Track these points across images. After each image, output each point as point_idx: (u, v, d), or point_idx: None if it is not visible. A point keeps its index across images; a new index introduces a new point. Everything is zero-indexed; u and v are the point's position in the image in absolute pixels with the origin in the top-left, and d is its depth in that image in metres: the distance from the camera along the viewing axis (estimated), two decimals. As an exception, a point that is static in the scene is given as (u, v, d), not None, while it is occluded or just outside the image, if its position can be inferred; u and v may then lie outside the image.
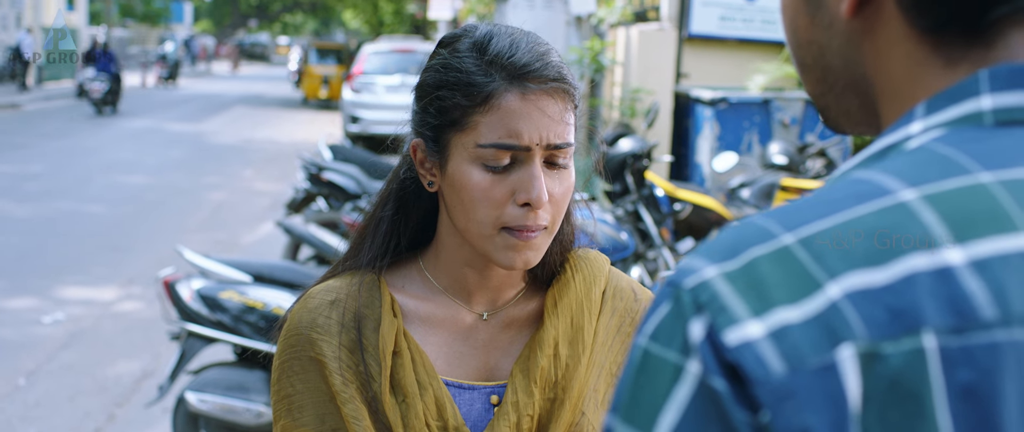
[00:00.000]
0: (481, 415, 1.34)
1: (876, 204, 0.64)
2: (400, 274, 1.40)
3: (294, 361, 1.34)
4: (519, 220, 1.26)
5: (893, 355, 0.60)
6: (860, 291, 0.61)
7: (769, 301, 0.62)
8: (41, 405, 5.51)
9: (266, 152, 16.62)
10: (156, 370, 5.93)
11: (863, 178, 0.67)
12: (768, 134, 8.21)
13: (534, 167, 1.25)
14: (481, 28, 1.32)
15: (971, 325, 0.60)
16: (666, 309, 0.65)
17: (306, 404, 1.32)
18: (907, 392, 0.59)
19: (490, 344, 1.38)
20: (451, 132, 1.27)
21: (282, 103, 27.98)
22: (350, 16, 45.79)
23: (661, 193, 6.46)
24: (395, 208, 1.39)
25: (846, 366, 0.60)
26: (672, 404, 0.62)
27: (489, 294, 1.39)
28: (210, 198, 12.16)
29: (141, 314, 7.14)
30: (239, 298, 4.31)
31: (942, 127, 0.68)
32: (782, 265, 0.63)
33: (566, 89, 1.28)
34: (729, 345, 0.61)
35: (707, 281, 0.64)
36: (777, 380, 0.60)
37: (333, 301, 1.36)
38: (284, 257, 7.07)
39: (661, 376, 0.63)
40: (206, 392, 4.25)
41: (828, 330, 0.60)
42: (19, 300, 7.47)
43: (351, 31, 52.59)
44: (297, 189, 8.02)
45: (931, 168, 0.66)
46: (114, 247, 9.25)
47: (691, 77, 9.06)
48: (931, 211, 0.63)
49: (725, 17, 9.21)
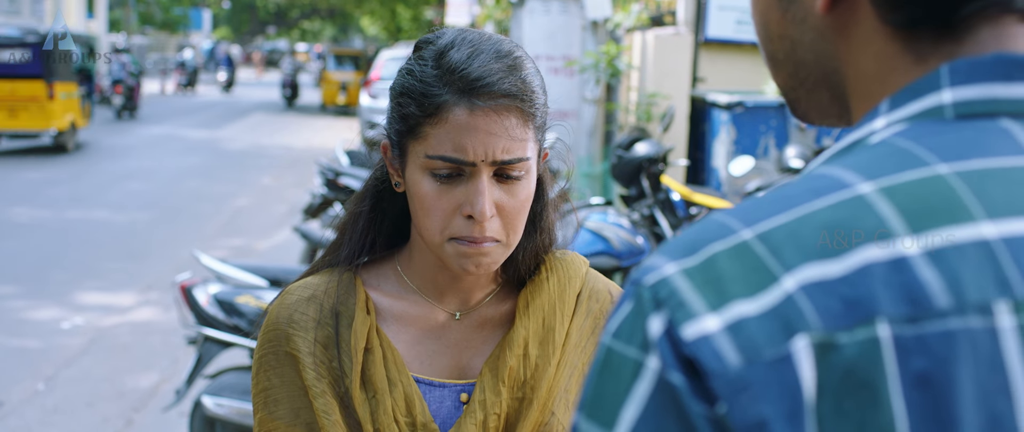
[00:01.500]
0: (450, 413, 1.36)
1: (833, 198, 0.65)
2: (376, 273, 1.42)
3: (271, 356, 1.36)
4: (465, 232, 1.27)
5: (847, 345, 0.60)
6: (815, 283, 0.62)
7: (726, 295, 0.63)
8: (60, 410, 5.54)
9: (284, 158, 16.68)
10: (174, 375, 5.96)
11: (823, 173, 0.68)
12: (785, 138, 8.18)
13: (479, 182, 1.26)
14: (447, 35, 1.31)
15: (925, 314, 0.60)
16: (628, 307, 0.66)
17: (282, 398, 1.35)
18: (861, 381, 0.60)
19: (462, 343, 1.40)
20: (408, 139, 1.29)
21: (300, 110, 28.06)
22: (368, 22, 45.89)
23: (677, 197, 6.44)
24: (371, 205, 1.41)
25: (801, 357, 0.60)
26: (632, 400, 0.63)
27: (461, 294, 1.40)
28: (228, 204, 12.21)
29: (159, 320, 7.17)
30: (255, 302, 4.32)
31: (904, 122, 0.69)
32: (740, 260, 0.64)
33: (519, 106, 1.26)
34: (686, 340, 0.62)
35: (666, 278, 0.65)
36: (733, 372, 0.61)
37: (309, 297, 1.38)
38: (301, 262, 7.09)
39: (622, 373, 0.64)
40: (223, 396, 4.26)
41: (783, 322, 0.61)
42: (38, 306, 7.52)
43: (369, 37, 52.69)
44: (314, 194, 8.04)
45: (889, 161, 0.66)
46: (132, 254, 9.29)
47: (707, 81, 9.03)
48: (887, 203, 0.64)
49: (741, 21, 9.18)
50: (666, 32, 9.09)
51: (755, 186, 7.12)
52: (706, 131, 8.65)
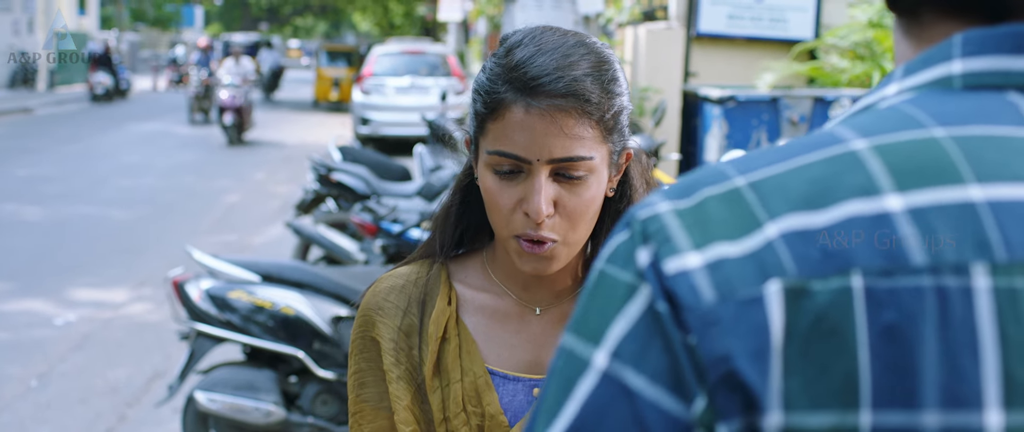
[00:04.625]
0: (523, 406, 1.38)
1: (826, 152, 0.67)
2: (463, 265, 1.46)
3: (360, 340, 1.42)
4: (524, 229, 1.30)
5: (820, 292, 0.62)
6: (797, 232, 0.64)
7: (711, 236, 0.66)
8: (53, 406, 5.54)
9: (277, 154, 16.66)
10: (167, 371, 5.96)
11: (825, 131, 0.70)
12: (777, 132, 8.20)
13: (536, 181, 1.27)
14: (519, 33, 1.33)
15: (900, 269, 0.62)
16: (623, 236, 0.69)
17: (369, 381, 1.41)
18: (830, 328, 0.62)
19: (541, 339, 1.42)
20: (478, 134, 1.33)
21: (292, 106, 28.03)
22: (360, 18, 45.85)
23: (669, 191, 6.45)
24: (460, 199, 1.45)
25: (772, 300, 0.63)
26: (622, 317, 0.66)
27: (542, 290, 1.42)
28: (221, 200, 12.20)
29: (152, 316, 7.17)
30: (248, 298, 4.33)
31: (914, 90, 0.71)
32: (730, 205, 0.66)
33: (576, 106, 1.25)
34: (667, 273, 0.65)
35: (658, 215, 0.68)
36: (705, 307, 0.64)
37: (400, 286, 1.43)
38: (294, 258, 7.09)
39: (614, 293, 0.67)
40: (215, 391, 4.27)
41: (760, 266, 0.64)
42: (31, 302, 7.51)
43: (361, 33, 52.64)
44: (307, 190, 8.05)
45: (887, 122, 0.68)
46: (125, 249, 9.29)
47: (699, 76, 9.05)
48: (877, 160, 0.65)
49: (733, 16, 9.20)
50: (658, 27, 9.10)
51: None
52: (698, 125, 8.66)
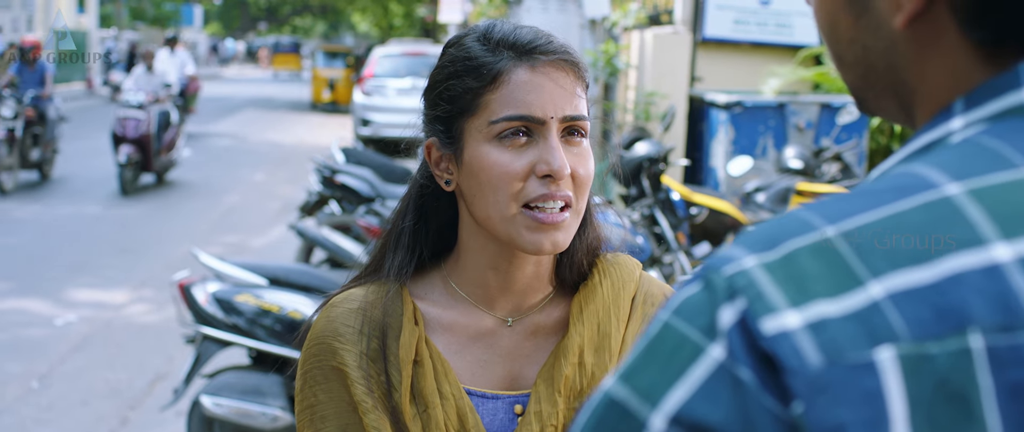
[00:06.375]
0: (504, 425, 1.31)
1: (920, 198, 0.62)
2: (422, 282, 1.37)
3: (316, 370, 1.31)
4: (540, 192, 1.23)
5: (939, 355, 0.58)
6: (904, 291, 0.59)
7: (808, 293, 0.60)
8: (54, 408, 5.49)
9: (277, 155, 16.62)
10: (169, 373, 5.91)
11: (907, 171, 0.66)
12: (783, 138, 8.17)
13: (552, 138, 1.24)
14: (483, 23, 1.33)
15: (1019, 323, 0.58)
16: (696, 289, 0.63)
17: (329, 414, 1.30)
18: (954, 393, 0.58)
19: (514, 352, 1.35)
20: (463, 119, 1.27)
21: (292, 106, 27.98)
22: (359, 19, 45.84)
23: (677, 197, 6.42)
24: (416, 217, 1.37)
25: (886, 366, 0.58)
26: (685, 381, 0.61)
27: (513, 299, 1.35)
28: (221, 201, 12.15)
29: (153, 317, 7.13)
30: (255, 301, 4.28)
31: (985, 121, 0.67)
32: (822, 258, 0.61)
33: (575, 62, 1.28)
34: (765, 333, 0.60)
35: (745, 270, 0.62)
36: (813, 372, 0.58)
37: (355, 309, 1.33)
38: (297, 260, 7.05)
39: (679, 351, 0.62)
40: (221, 396, 4.22)
41: (868, 329, 0.59)
42: (31, 303, 7.46)
43: (360, 34, 52.63)
44: (310, 192, 8.00)
45: (976, 161, 0.64)
46: (125, 250, 9.24)
47: (705, 81, 9.01)
48: (977, 206, 0.61)
49: (739, 21, 9.17)
50: (664, 31, 9.07)
51: (754, 186, 7.11)
52: (704, 131, 8.63)
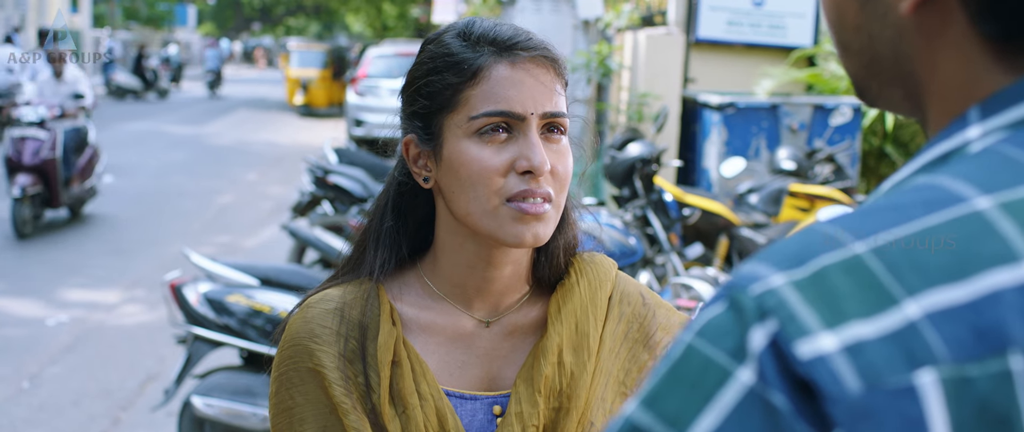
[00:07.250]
0: (483, 426, 1.30)
1: (950, 213, 0.60)
2: (399, 282, 1.36)
3: (293, 372, 1.30)
4: (520, 187, 1.23)
5: (979, 378, 0.56)
6: (941, 310, 0.57)
7: (842, 314, 0.57)
8: (45, 408, 5.47)
9: (269, 155, 16.59)
10: (160, 374, 5.89)
11: (932, 183, 0.63)
12: (776, 139, 8.16)
13: (532, 135, 1.24)
14: (458, 22, 1.33)
15: None
16: (721, 310, 0.61)
17: (308, 417, 1.28)
18: (997, 418, 0.56)
19: (492, 352, 1.34)
20: (443, 115, 1.26)
21: (284, 107, 27.93)
22: (353, 20, 45.78)
23: (669, 198, 6.41)
24: (394, 217, 1.36)
25: (928, 391, 0.56)
26: (713, 408, 0.58)
27: (491, 299, 1.34)
28: (213, 201, 12.13)
29: (145, 317, 7.11)
30: (246, 302, 4.27)
31: (1004, 129, 0.65)
32: (854, 276, 0.59)
33: (555, 58, 1.28)
34: (801, 358, 0.57)
35: (774, 288, 0.59)
36: (854, 398, 0.56)
37: (332, 310, 1.32)
38: (289, 261, 7.04)
39: (704, 376, 0.59)
40: (212, 396, 4.22)
41: (906, 351, 0.57)
42: (22, 302, 7.44)
43: (354, 35, 52.55)
44: (303, 192, 7.99)
45: (1002, 173, 0.62)
46: (116, 250, 9.21)
47: (698, 82, 9.01)
48: (1009, 221, 0.59)
49: (732, 22, 9.16)
50: (657, 32, 9.07)
51: (746, 187, 7.11)
52: (697, 132, 8.63)
